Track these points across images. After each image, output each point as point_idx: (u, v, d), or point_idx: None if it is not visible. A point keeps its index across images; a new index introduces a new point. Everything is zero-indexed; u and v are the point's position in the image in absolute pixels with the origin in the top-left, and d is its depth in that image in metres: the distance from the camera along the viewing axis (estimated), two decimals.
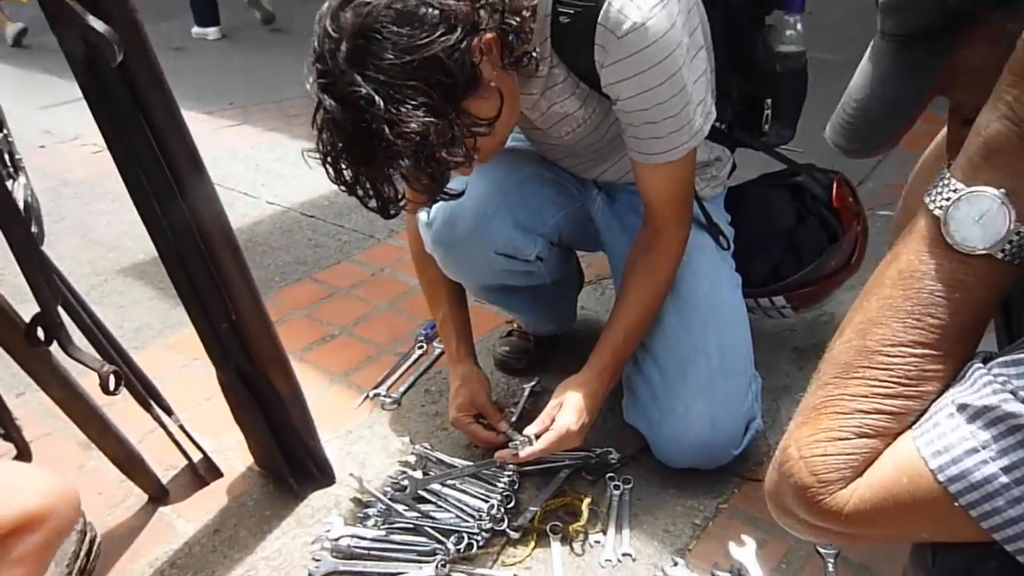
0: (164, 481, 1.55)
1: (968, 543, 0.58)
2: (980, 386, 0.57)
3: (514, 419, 1.66)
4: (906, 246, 0.62)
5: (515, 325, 1.91)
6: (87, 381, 1.32)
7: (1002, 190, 0.56)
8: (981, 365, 0.58)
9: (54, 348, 1.25)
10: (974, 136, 0.58)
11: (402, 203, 1.14)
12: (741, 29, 1.45)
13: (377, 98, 1.01)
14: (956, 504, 0.56)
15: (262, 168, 3.26)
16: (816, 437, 0.63)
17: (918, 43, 0.64)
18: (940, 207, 0.59)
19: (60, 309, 1.25)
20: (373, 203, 1.13)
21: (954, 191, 0.58)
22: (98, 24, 0.73)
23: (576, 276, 1.91)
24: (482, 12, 1.08)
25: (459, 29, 1.04)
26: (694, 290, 1.45)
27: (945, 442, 0.57)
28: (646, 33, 1.16)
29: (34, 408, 1.72)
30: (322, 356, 1.98)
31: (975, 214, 0.57)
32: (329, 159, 1.09)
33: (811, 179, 1.63)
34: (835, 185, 1.62)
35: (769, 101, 1.51)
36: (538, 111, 1.37)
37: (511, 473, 1.49)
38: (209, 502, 1.53)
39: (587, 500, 1.41)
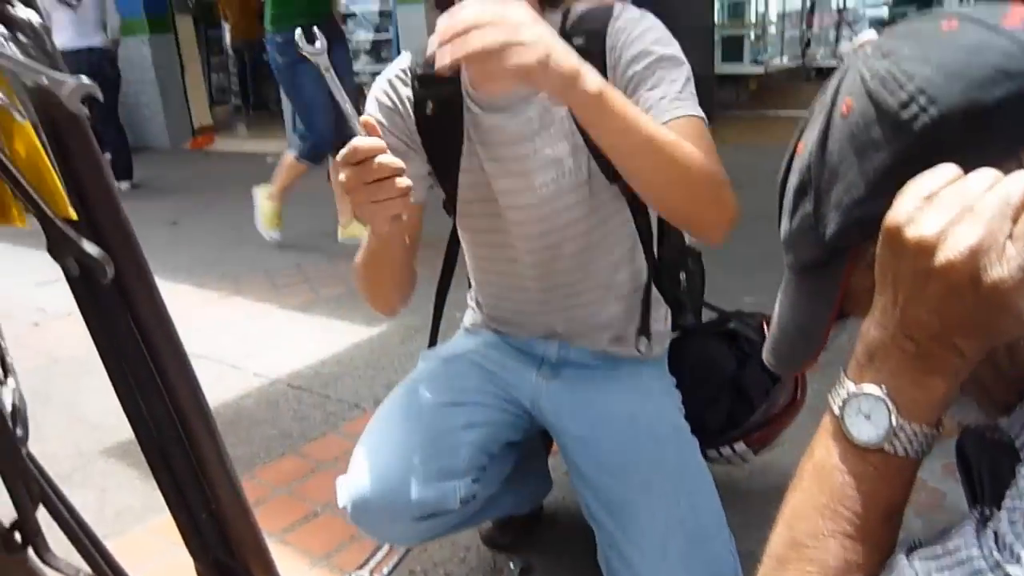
0: None
1: None
2: None
3: None
4: (818, 442, 0.68)
5: None
6: None
7: (884, 388, 0.62)
8: (904, 556, 0.62)
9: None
10: (859, 340, 0.64)
11: None
12: None
13: None
14: None
15: (250, 339, 3.32)
16: None
17: (814, 273, 0.72)
18: (838, 406, 0.65)
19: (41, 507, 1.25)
20: None
21: (847, 391, 0.64)
22: (91, 248, 0.78)
23: (541, 447, 1.81)
24: None
25: None
26: (660, 458, 1.44)
27: None
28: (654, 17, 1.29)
29: None
30: (304, 536, 1.95)
31: (865, 411, 0.63)
32: None
33: (743, 323, 1.66)
34: (765, 325, 1.64)
35: (684, 275, 1.58)
36: (532, 147, 1.38)
37: None
38: None
39: None
